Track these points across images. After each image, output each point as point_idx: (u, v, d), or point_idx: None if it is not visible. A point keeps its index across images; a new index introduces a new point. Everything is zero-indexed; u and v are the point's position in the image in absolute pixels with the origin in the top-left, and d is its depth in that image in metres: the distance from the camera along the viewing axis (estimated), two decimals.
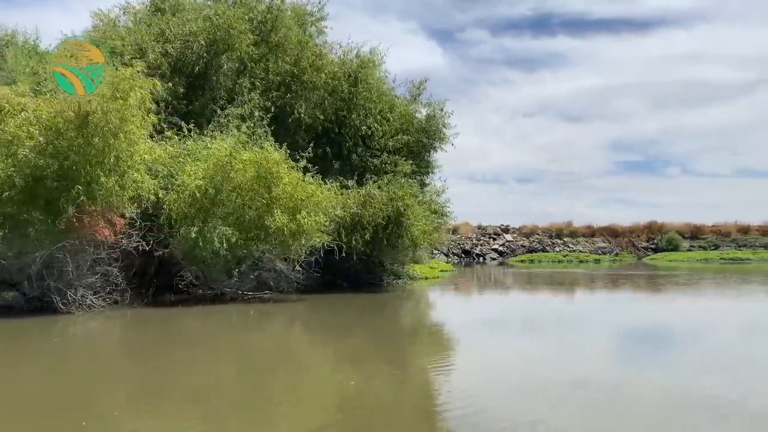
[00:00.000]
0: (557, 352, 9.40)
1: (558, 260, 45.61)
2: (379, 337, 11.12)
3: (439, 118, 19.45)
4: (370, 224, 16.13)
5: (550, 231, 55.37)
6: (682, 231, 52.65)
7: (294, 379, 7.59)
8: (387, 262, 17.50)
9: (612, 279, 25.98)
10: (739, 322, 12.99)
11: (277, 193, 13.80)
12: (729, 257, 43.94)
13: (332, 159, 17.72)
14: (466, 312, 15.68)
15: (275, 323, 13.23)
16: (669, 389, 6.74)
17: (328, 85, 17.48)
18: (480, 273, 32.77)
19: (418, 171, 19.01)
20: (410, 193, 16.62)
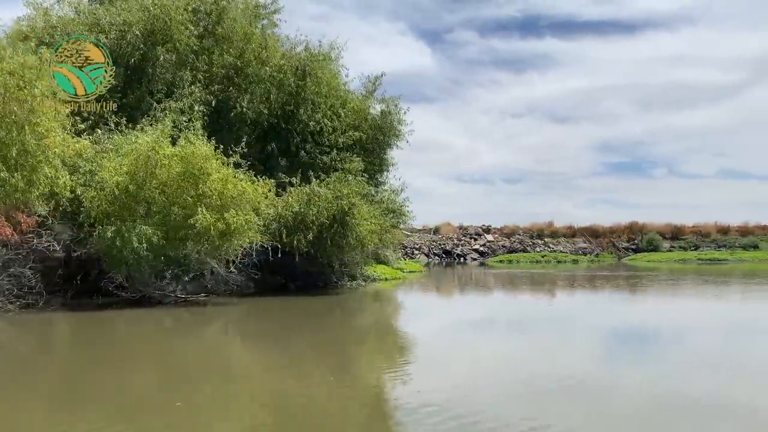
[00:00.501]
0: (506, 353, 8.83)
1: (536, 260, 44.79)
2: (319, 342, 10.23)
3: (394, 114, 18.56)
4: (314, 224, 15.20)
5: (531, 231, 54.58)
6: (663, 231, 51.97)
7: (220, 387, 6.91)
8: (336, 263, 16.57)
9: (581, 279, 25.15)
10: (703, 321, 12.28)
11: (205, 190, 12.86)
12: (706, 258, 43.21)
13: (278, 156, 16.80)
14: (416, 314, 14.78)
15: (206, 328, 12.22)
16: (642, 388, 6.62)
17: (274, 79, 16.56)
18: (451, 274, 31.87)
19: (372, 169, 18.11)
20: (357, 191, 15.70)
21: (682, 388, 6.74)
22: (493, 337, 10.90)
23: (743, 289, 20.89)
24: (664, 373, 7.52)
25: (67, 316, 12.31)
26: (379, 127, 18.23)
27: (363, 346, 10.33)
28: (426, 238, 53.57)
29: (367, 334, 11.65)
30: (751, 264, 38.38)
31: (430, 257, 50.13)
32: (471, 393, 6.46)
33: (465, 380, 7.08)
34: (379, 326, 12.67)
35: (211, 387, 6.98)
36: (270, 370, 8.14)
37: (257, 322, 13.21)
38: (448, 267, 39.52)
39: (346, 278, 18.61)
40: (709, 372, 7.65)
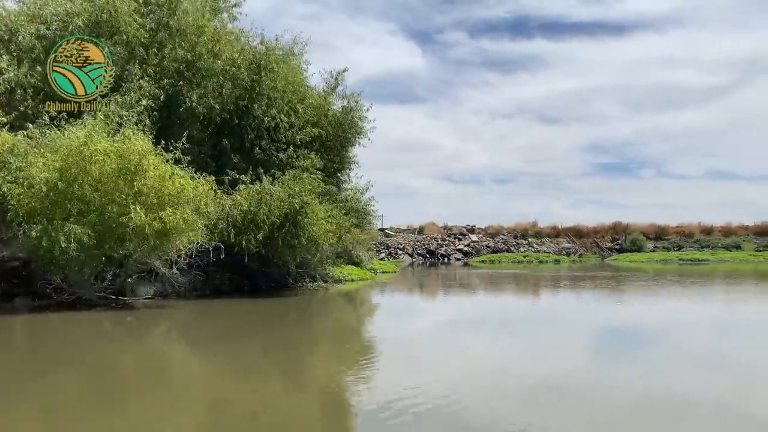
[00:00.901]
0: (445, 359, 8.23)
1: (518, 261, 44.20)
2: (267, 346, 9.53)
3: (356, 110, 17.88)
4: (265, 223, 14.49)
5: (515, 231, 54.02)
6: (647, 232, 51.50)
7: (159, 394, 6.47)
8: (292, 264, 15.84)
9: (550, 280, 24.52)
10: (677, 323, 11.61)
11: (141, 187, 12.13)
12: (688, 258, 42.72)
13: (231, 152, 16.07)
14: (373, 317, 14.08)
15: (148, 331, 11.39)
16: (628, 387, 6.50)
17: (227, 73, 15.82)
18: (428, 274, 31.19)
19: (332, 167, 17.41)
20: (311, 189, 14.99)
21: (670, 386, 6.56)
22: (439, 341, 10.22)
23: (715, 290, 20.31)
24: (646, 371, 7.36)
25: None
26: (340, 124, 17.53)
27: (314, 350, 9.65)
28: (410, 238, 52.91)
29: (319, 337, 10.94)
30: (732, 264, 37.88)
31: (414, 257, 49.47)
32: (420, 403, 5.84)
33: (417, 386, 6.44)
34: (331, 330, 11.97)
35: (149, 394, 6.39)
36: (214, 374, 7.54)
37: (203, 325, 12.47)
38: (431, 267, 38.89)
39: (308, 279, 17.90)
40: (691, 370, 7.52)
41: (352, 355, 8.89)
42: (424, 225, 55.62)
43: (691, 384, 6.82)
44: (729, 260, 40.89)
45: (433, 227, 55.14)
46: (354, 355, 8.87)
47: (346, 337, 10.93)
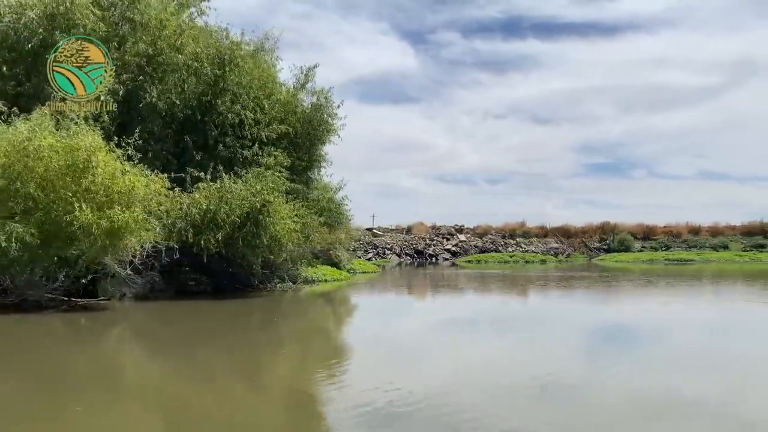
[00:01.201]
0: (393, 364, 7.83)
1: (505, 261, 43.74)
2: (226, 349, 9.03)
3: (326, 107, 17.36)
4: (226, 222, 13.97)
5: (503, 231, 53.61)
6: (635, 232, 51.14)
7: (109, 398, 6.06)
8: (256, 264, 15.30)
9: (537, 280, 24.08)
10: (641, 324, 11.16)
11: (88, 185, 11.59)
12: (674, 258, 42.35)
13: (194, 149, 15.53)
14: (341, 319, 13.56)
15: (101, 334, 10.85)
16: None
17: (190, 68, 15.29)
18: (411, 274, 30.69)
19: (300, 164, 16.88)
20: (273, 187, 14.46)
21: (660, 386, 6.48)
22: (402, 344, 9.72)
23: (692, 291, 19.88)
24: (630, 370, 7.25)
25: None
26: (309, 121, 17.00)
27: (273, 352, 9.21)
28: (398, 237, 52.43)
29: (278, 340, 10.41)
30: (718, 264, 37.52)
31: (402, 257, 48.98)
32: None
33: (378, 388, 6.12)
34: (290, 333, 11.44)
35: (99, 399, 5.95)
36: (170, 378, 7.14)
37: (161, 327, 11.94)
38: (419, 267, 38.41)
39: (276, 280, 17.37)
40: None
41: (311, 359, 8.47)
42: (412, 225, 55.14)
43: (681, 383, 6.68)
44: (715, 260, 40.54)
45: (421, 227, 54.68)
46: (314, 358, 8.46)
47: (305, 340, 10.45)
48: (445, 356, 8.36)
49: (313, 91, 17.49)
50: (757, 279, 24.62)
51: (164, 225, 13.90)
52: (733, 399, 6.18)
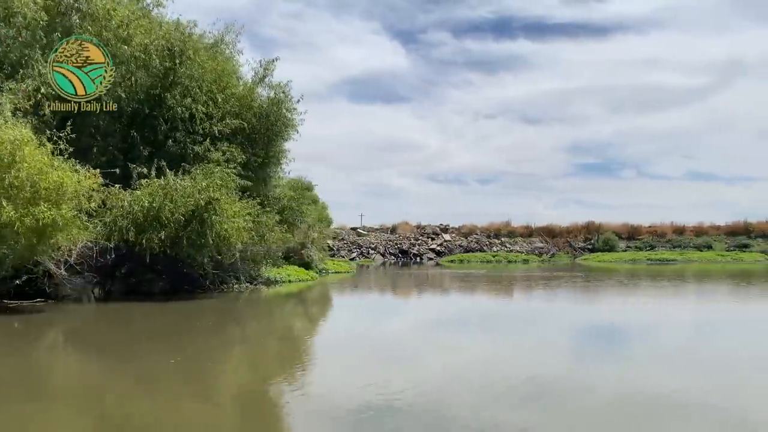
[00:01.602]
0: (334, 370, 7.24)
1: (488, 260, 43.14)
2: (167, 353, 8.37)
3: (284, 102, 16.65)
4: (170, 220, 13.26)
5: (488, 231, 53.05)
6: (620, 231, 50.67)
7: (37, 408, 5.49)
8: (208, 264, 14.58)
9: (514, 280, 23.45)
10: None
11: (12, 180, 10.88)
12: (656, 258, 41.81)
13: (142, 145, 14.81)
14: (287, 323, 12.86)
15: (34, 338, 10.06)
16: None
17: (138, 60, 14.57)
18: (387, 274, 30.01)
19: (255, 161, 16.17)
20: (221, 184, 13.77)
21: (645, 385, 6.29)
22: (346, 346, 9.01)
23: (664, 293, 19.27)
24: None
25: None
26: (266, 116, 16.30)
27: (216, 357, 8.42)
28: (382, 237, 51.79)
29: (219, 345, 9.70)
30: (700, 264, 37.00)
31: (386, 257, 48.35)
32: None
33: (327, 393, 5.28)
34: (232, 337, 10.75)
35: (21, 408, 5.38)
36: (108, 384, 6.54)
37: (99, 331, 11.13)
38: (404, 267, 37.76)
39: (233, 280, 16.67)
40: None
41: (260, 362, 7.84)
42: (397, 224, 54.51)
43: (669, 382, 6.48)
44: (697, 260, 40.04)
45: (406, 227, 54.07)
46: (263, 362, 7.85)
47: (249, 344, 9.77)
48: (396, 364, 7.65)
49: (271, 85, 16.81)
50: (735, 278, 24.05)
51: (105, 223, 13.22)
52: (718, 399, 5.98)
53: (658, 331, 10.82)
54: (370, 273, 30.11)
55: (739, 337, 10.13)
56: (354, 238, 50.87)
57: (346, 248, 49.16)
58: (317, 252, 25.58)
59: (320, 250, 26.07)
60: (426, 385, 6.34)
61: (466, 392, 6.07)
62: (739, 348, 8.99)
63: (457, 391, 6.10)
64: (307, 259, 24.73)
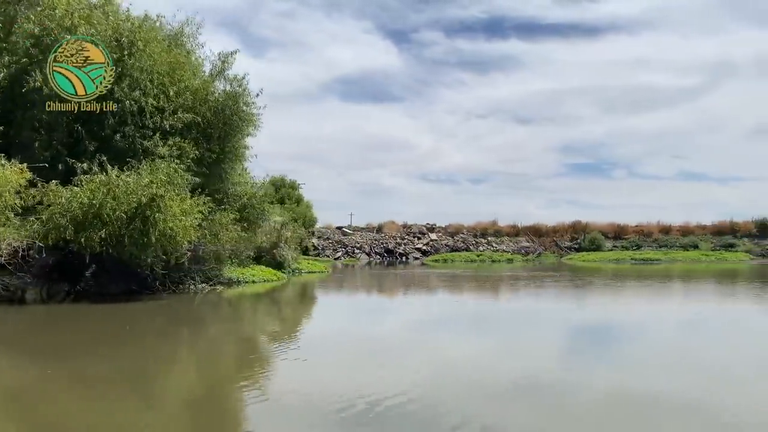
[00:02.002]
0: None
1: (472, 260, 42.46)
2: (107, 358, 7.70)
3: (241, 96, 15.93)
4: (111, 218, 12.53)
5: (475, 230, 52.42)
6: (606, 231, 50.07)
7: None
8: (158, 264, 13.83)
9: (490, 280, 22.76)
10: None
11: None
12: (640, 257, 41.16)
13: (88, 139, 14.08)
14: (237, 325, 12.13)
15: None
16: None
17: None
18: (363, 274, 29.30)
19: (212, 157, 15.43)
20: (166, 180, 13.04)
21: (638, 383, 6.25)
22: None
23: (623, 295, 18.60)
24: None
25: None
26: (222, 110, 15.58)
27: (167, 365, 7.81)
28: (368, 236, 51.08)
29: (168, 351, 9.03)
30: (684, 264, 36.38)
31: (372, 256, 47.62)
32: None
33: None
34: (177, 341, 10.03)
35: None
36: (42, 392, 6.00)
37: (35, 335, 10.41)
38: (389, 266, 37.06)
39: (189, 281, 15.93)
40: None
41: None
42: (383, 223, 53.84)
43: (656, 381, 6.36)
44: (681, 260, 39.43)
45: (392, 226, 53.40)
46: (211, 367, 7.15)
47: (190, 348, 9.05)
48: (333, 367, 6.98)
49: (227, 79, 16.09)
50: (718, 278, 23.42)
51: (42, 221, 12.50)
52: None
53: (637, 332, 10.15)
54: (346, 273, 29.39)
55: (718, 336, 9.50)
56: (339, 238, 50.17)
57: (331, 247, 48.47)
58: (291, 252, 24.82)
59: (294, 249, 25.30)
60: (367, 401, 5.64)
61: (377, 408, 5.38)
62: (721, 347, 8.39)
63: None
64: (280, 259, 23.99)
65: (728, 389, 6.31)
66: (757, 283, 21.65)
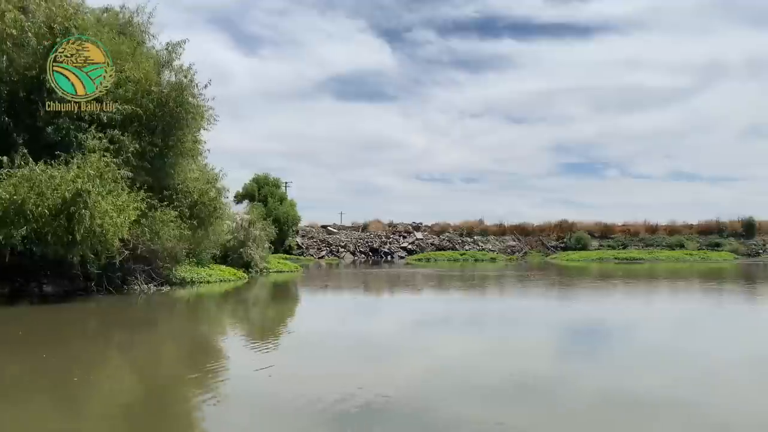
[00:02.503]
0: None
1: (455, 259, 41.64)
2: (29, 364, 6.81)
3: (187, 87, 15.01)
4: (34, 214, 11.65)
5: (461, 229, 51.61)
6: (593, 230, 49.33)
7: None
8: (92, 263, 12.96)
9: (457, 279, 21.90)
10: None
11: None
12: (624, 257, 40.35)
13: (15, 131, 13.17)
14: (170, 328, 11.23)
15: None
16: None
17: (10, 37, 12.92)
18: (338, 274, 28.40)
19: (154, 151, 14.48)
20: (94, 174, 12.14)
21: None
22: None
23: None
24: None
25: None
26: (166, 102, 14.67)
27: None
28: (353, 235, 50.24)
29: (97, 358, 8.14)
30: (667, 263, 35.55)
31: (356, 255, 46.79)
32: None
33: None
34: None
35: None
36: None
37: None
38: (374, 265, 36.23)
39: (134, 281, 15.05)
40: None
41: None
42: (369, 222, 53.04)
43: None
44: (664, 259, 38.59)
45: (378, 225, 52.60)
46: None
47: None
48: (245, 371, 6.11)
49: (173, 69, 15.15)
50: (700, 277, 22.57)
51: None
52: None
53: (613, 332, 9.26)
54: (321, 272, 28.49)
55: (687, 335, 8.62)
56: (324, 237, 49.33)
57: (315, 246, 47.65)
58: (259, 251, 23.91)
59: (263, 248, 24.38)
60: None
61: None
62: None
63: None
64: (247, 259, 23.13)
65: (713, 387, 6.05)
66: (729, 284, 20.80)
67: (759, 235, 43.97)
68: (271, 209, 43.62)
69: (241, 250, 23.05)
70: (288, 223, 44.71)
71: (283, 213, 43.82)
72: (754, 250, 42.24)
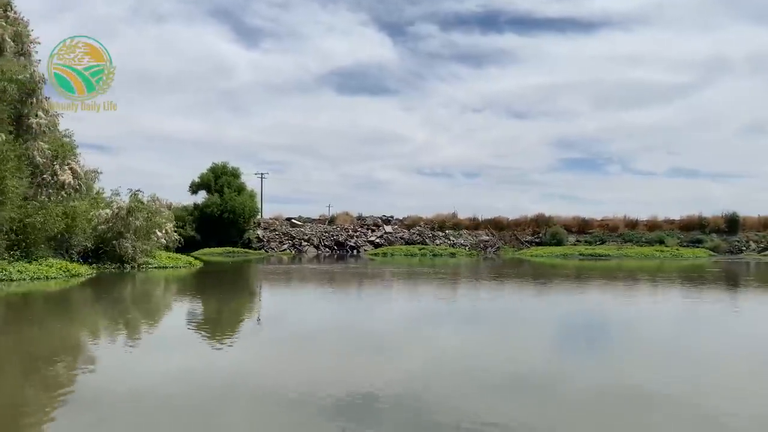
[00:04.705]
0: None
1: (413, 254, 39.06)
2: None
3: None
4: None
5: (433, 223, 48.98)
6: (570, 225, 46.43)
7: None
8: None
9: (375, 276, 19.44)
10: None
11: None
12: (588, 253, 37.46)
13: None
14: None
15: None
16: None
17: None
18: (259, 271, 26.04)
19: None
20: None
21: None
22: None
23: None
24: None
25: None
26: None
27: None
28: (318, 228, 47.81)
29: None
30: (633, 261, 32.59)
31: (320, 249, 44.38)
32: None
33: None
34: None
35: None
36: None
37: None
38: (339, 260, 33.84)
39: None
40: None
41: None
42: (336, 215, 50.67)
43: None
44: (633, 256, 35.63)
45: (345, 217, 50.19)
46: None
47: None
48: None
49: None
50: (650, 276, 19.83)
51: None
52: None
53: None
54: (232, 269, 26.10)
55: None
56: (287, 230, 47.04)
57: (277, 239, 45.36)
58: (139, 243, 20.47)
59: (147, 241, 21.13)
60: None
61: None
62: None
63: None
64: (121, 252, 19.96)
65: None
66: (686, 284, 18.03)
67: (743, 232, 40.79)
68: (227, 200, 41.37)
69: (114, 243, 20.05)
70: (245, 215, 42.50)
71: (240, 204, 41.60)
72: (737, 247, 39.13)
